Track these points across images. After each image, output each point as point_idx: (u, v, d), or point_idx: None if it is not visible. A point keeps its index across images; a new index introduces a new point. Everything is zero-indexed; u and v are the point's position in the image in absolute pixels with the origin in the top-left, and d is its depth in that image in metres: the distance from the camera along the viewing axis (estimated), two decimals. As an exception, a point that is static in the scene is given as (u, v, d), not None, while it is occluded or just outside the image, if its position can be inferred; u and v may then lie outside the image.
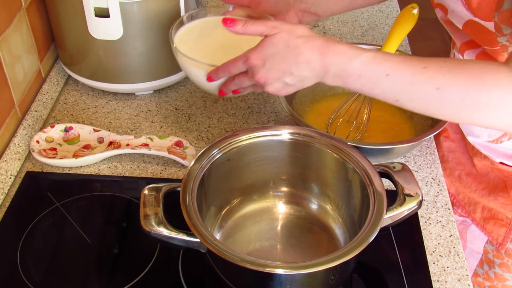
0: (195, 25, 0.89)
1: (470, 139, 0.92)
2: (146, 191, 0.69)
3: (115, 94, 1.06)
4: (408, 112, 0.99)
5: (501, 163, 0.89)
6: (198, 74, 0.80)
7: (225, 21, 0.71)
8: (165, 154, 0.90)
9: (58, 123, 0.97)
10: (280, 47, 0.69)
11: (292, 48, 0.68)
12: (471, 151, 0.95)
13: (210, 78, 0.77)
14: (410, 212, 0.70)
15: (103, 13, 0.92)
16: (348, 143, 0.75)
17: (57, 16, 0.98)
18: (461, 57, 0.86)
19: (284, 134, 0.77)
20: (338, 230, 0.78)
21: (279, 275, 0.62)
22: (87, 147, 0.92)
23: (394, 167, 0.74)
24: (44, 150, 0.91)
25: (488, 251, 0.95)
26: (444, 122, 0.87)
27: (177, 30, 0.87)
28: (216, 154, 0.73)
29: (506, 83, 0.62)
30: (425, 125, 0.95)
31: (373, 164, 0.72)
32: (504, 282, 0.96)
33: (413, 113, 0.99)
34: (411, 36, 1.14)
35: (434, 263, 0.78)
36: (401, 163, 0.75)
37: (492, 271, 0.96)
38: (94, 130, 0.95)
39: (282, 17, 0.87)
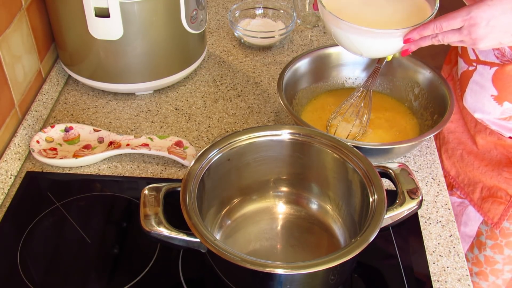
0: None
1: (477, 115, 0.92)
2: (146, 191, 0.69)
3: (115, 94, 1.06)
4: (411, 109, 0.99)
5: (510, 137, 0.90)
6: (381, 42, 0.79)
7: None
8: (165, 154, 0.90)
9: (58, 123, 0.97)
10: (508, 9, 0.69)
11: None
12: (473, 129, 0.95)
13: (408, 40, 0.77)
14: (410, 212, 0.70)
15: (103, 13, 0.92)
16: (348, 143, 0.75)
17: (57, 16, 0.98)
18: None
19: (284, 134, 0.77)
20: (338, 230, 0.78)
21: (279, 275, 0.62)
22: (87, 147, 0.92)
23: (394, 167, 0.74)
24: (44, 150, 0.91)
25: (482, 233, 0.96)
26: (444, 122, 0.87)
27: None
28: (216, 154, 0.73)
29: None
30: (425, 125, 0.95)
31: (373, 164, 0.72)
32: (493, 265, 0.96)
33: (414, 111, 0.99)
34: (411, 36, 1.14)
35: (434, 263, 0.78)
36: (401, 163, 0.75)
37: (483, 254, 0.97)
38: (94, 130, 0.95)
39: None
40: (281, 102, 0.90)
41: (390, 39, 0.79)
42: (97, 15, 0.92)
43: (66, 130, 0.94)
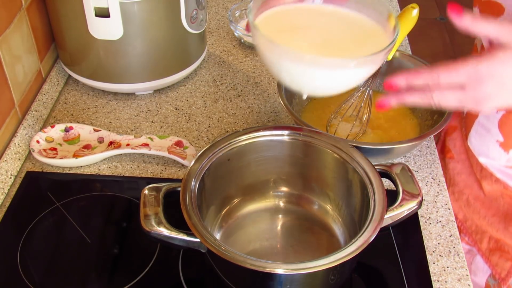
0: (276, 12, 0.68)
1: (482, 160, 0.85)
2: (146, 191, 0.69)
3: (115, 94, 1.06)
4: (411, 109, 0.99)
5: None
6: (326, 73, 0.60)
7: (452, 8, 0.56)
8: (165, 154, 0.90)
9: (58, 123, 0.97)
10: None
11: None
12: (478, 173, 0.88)
13: (390, 86, 0.61)
14: (410, 212, 0.70)
15: (103, 13, 0.92)
16: (348, 143, 0.75)
17: (57, 16, 0.98)
18: None
19: (284, 134, 0.77)
20: (338, 230, 0.78)
21: (279, 275, 0.62)
22: (87, 147, 0.92)
23: (394, 167, 0.74)
24: (44, 150, 0.91)
25: (490, 286, 0.90)
26: (444, 122, 0.87)
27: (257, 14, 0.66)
28: (216, 154, 0.73)
29: None
30: (425, 125, 0.95)
31: (373, 164, 0.72)
32: None
33: (414, 111, 0.99)
34: (411, 36, 1.14)
35: (434, 263, 0.78)
36: (401, 163, 0.75)
37: None
38: (94, 130, 0.95)
39: None
40: (281, 102, 0.90)
41: (342, 71, 0.61)
42: (97, 15, 0.92)
43: (66, 130, 0.94)
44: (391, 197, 0.70)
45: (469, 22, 0.57)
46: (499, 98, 0.59)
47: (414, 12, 0.96)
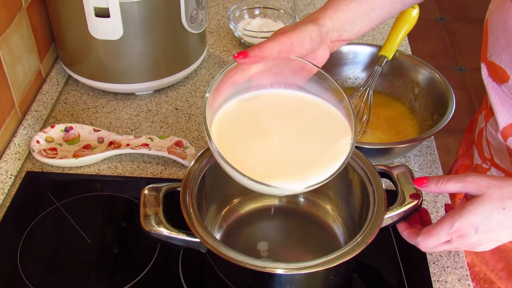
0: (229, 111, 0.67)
1: None
2: (146, 191, 0.69)
3: (115, 94, 1.06)
4: (411, 109, 0.99)
5: None
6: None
7: (419, 182, 0.65)
8: (165, 154, 0.90)
9: (58, 123, 0.97)
10: (493, 209, 0.61)
11: (508, 210, 0.61)
12: None
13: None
14: (410, 212, 0.70)
15: (103, 13, 0.92)
16: (348, 143, 0.75)
17: (57, 16, 0.98)
18: (500, 138, 0.78)
19: (284, 134, 0.76)
20: (338, 230, 0.78)
21: (279, 275, 0.62)
22: (87, 147, 0.92)
23: (394, 167, 0.74)
24: (44, 150, 0.91)
25: None
26: (444, 121, 0.87)
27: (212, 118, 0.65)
28: (216, 154, 0.73)
29: None
30: (425, 125, 0.95)
31: (373, 164, 0.72)
32: None
33: (414, 111, 0.99)
34: (411, 36, 1.14)
35: (434, 263, 0.78)
36: (401, 163, 0.75)
37: None
38: (94, 130, 0.95)
39: (313, 55, 0.70)
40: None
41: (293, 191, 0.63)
42: (97, 15, 0.92)
43: (66, 130, 0.94)
44: (391, 197, 0.70)
45: (434, 187, 0.64)
46: (488, 241, 0.63)
47: (414, 12, 0.96)
